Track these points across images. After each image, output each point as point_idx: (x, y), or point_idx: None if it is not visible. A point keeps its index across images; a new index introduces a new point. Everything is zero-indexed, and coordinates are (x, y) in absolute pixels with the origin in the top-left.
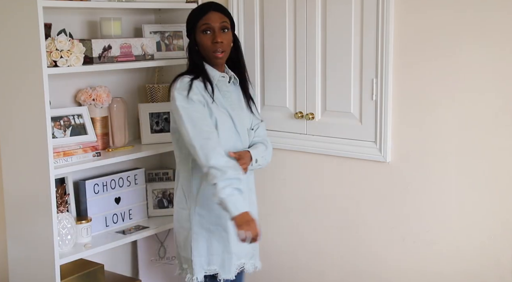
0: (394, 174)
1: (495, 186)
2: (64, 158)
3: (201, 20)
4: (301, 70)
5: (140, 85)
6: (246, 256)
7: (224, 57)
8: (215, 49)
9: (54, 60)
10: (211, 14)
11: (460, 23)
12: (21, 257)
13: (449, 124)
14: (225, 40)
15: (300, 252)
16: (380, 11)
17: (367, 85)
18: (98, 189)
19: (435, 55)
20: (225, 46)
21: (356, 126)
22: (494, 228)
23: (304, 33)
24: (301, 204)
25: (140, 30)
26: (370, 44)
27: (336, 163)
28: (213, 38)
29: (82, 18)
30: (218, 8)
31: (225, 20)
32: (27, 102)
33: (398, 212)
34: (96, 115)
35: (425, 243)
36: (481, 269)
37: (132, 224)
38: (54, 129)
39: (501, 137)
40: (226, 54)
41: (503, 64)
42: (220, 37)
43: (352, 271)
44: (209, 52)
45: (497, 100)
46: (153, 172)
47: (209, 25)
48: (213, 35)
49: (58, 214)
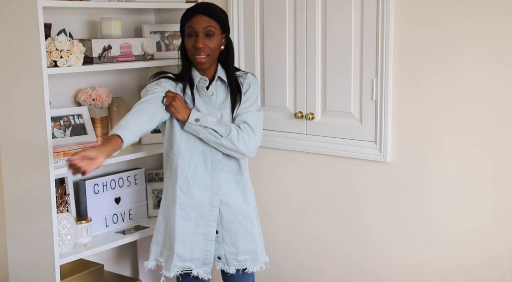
0: (394, 174)
1: (495, 186)
2: (64, 158)
3: (188, 22)
4: (301, 70)
5: (140, 85)
6: (192, 261)
7: (207, 62)
8: (196, 53)
9: (54, 60)
10: (196, 18)
11: (460, 22)
12: (21, 257)
13: (449, 124)
14: (209, 45)
15: (300, 252)
16: (380, 11)
17: (367, 85)
18: (98, 189)
19: (435, 55)
20: (207, 51)
21: (356, 126)
22: (494, 228)
23: (304, 33)
24: (301, 204)
25: (140, 30)
26: (370, 44)
27: (336, 163)
28: (194, 42)
29: (82, 18)
30: (206, 12)
31: (211, 24)
32: (27, 102)
33: (398, 212)
34: (96, 115)
35: (425, 243)
36: (481, 269)
37: (132, 224)
38: (54, 129)
39: (501, 137)
40: (210, 58)
41: (504, 65)
42: (202, 43)
43: (352, 271)
44: (191, 55)
45: (497, 101)
46: (153, 172)
47: (193, 29)
48: (196, 39)
49: (58, 214)
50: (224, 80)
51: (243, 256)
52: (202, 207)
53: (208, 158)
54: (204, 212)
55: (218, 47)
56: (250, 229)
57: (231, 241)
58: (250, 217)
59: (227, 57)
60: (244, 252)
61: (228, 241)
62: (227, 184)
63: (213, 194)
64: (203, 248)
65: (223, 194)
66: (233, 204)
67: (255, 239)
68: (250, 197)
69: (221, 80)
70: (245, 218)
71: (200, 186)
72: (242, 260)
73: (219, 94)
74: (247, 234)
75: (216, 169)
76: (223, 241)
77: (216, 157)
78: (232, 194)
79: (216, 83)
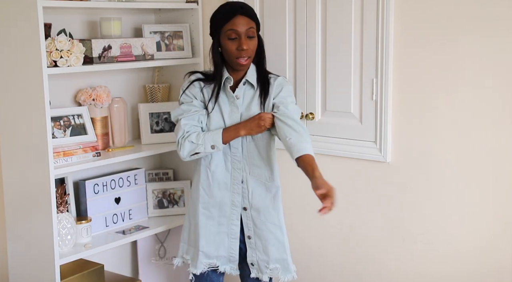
0: (394, 174)
1: (495, 186)
2: (64, 158)
3: (227, 24)
4: (301, 70)
5: (140, 85)
6: (218, 259)
7: (248, 64)
8: (240, 56)
9: (54, 60)
10: (238, 19)
11: (461, 23)
12: (21, 257)
13: (449, 124)
14: (251, 46)
15: (299, 252)
16: (380, 11)
17: (367, 85)
18: (98, 189)
19: (435, 55)
20: (250, 52)
21: (356, 126)
22: (494, 228)
23: (304, 33)
24: (301, 204)
25: (140, 30)
26: (370, 44)
27: (336, 163)
28: (238, 44)
29: (82, 18)
30: (246, 12)
31: (252, 25)
32: (27, 102)
33: (398, 212)
34: (96, 115)
35: (425, 243)
36: (481, 269)
37: (132, 224)
38: (54, 129)
39: (501, 138)
40: (250, 60)
41: (504, 65)
42: (246, 44)
43: (352, 271)
44: (233, 58)
45: (497, 101)
46: (153, 172)
47: (235, 31)
48: (239, 41)
49: (58, 214)
50: (253, 84)
51: (274, 265)
52: (224, 206)
53: (228, 158)
54: (227, 211)
55: (256, 48)
56: (280, 238)
57: (262, 248)
58: (279, 225)
59: (260, 57)
60: (275, 261)
61: (260, 248)
62: (258, 190)
63: (234, 194)
64: (227, 246)
65: (253, 199)
66: (263, 211)
67: (285, 248)
68: (279, 205)
69: (249, 84)
70: (274, 226)
71: (221, 186)
72: (273, 268)
73: (245, 98)
74: (277, 243)
75: (236, 169)
76: (256, 247)
77: (235, 157)
78: (262, 200)
79: (245, 86)
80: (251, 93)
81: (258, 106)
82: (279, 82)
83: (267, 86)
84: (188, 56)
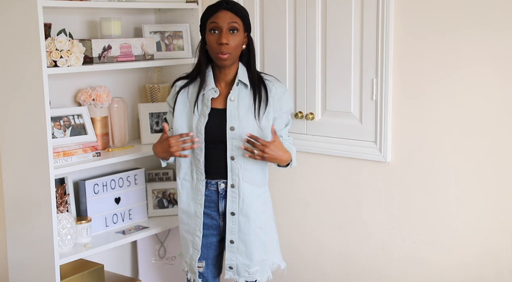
0: (394, 174)
1: (495, 186)
2: (64, 158)
3: (211, 18)
4: (301, 70)
5: (140, 85)
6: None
7: (229, 59)
8: (220, 50)
9: (54, 60)
10: (221, 13)
11: (461, 24)
12: (21, 257)
13: (449, 124)
14: (232, 41)
15: (300, 252)
16: (380, 11)
17: (367, 85)
18: (98, 189)
19: (435, 55)
20: (230, 48)
21: (356, 126)
22: (494, 228)
23: (304, 33)
24: (301, 204)
25: (140, 30)
26: (370, 44)
27: (336, 163)
28: (218, 38)
29: (82, 18)
30: (231, 7)
31: (235, 20)
32: (27, 102)
33: (398, 212)
34: (96, 115)
35: (425, 243)
36: (481, 269)
37: (132, 224)
38: (54, 129)
39: (501, 138)
40: (232, 56)
41: (504, 65)
42: (226, 38)
43: (352, 271)
44: (214, 52)
45: (497, 101)
46: (153, 172)
47: (216, 25)
48: (220, 35)
49: (58, 214)
50: (246, 83)
51: (254, 268)
52: (191, 215)
53: (193, 167)
54: (191, 222)
55: (240, 46)
56: (263, 240)
57: (245, 252)
58: (265, 228)
59: (249, 57)
60: (256, 264)
61: (242, 252)
62: (251, 196)
63: (197, 205)
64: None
65: (244, 204)
66: (253, 216)
67: (266, 249)
68: (267, 207)
69: (242, 84)
70: (260, 230)
71: (188, 195)
72: (253, 272)
73: (242, 100)
74: (260, 246)
75: (200, 180)
76: (238, 251)
77: (198, 166)
78: (254, 206)
79: (238, 87)
80: (246, 93)
81: (253, 115)
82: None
83: (264, 91)
84: (188, 56)
